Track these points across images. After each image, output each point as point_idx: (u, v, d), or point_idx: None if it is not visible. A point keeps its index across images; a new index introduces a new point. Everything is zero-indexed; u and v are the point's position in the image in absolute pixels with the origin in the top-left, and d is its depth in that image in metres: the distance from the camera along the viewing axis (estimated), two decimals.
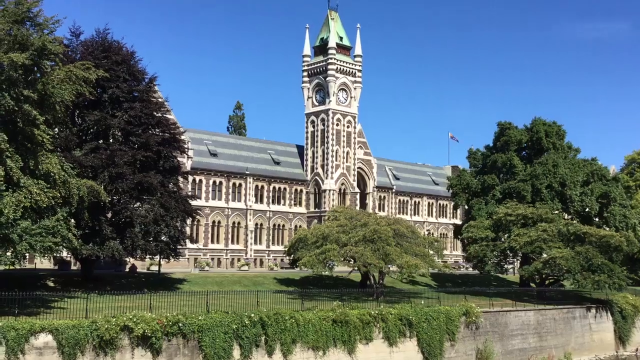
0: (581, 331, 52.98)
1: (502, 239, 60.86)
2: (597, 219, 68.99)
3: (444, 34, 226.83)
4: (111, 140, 46.63)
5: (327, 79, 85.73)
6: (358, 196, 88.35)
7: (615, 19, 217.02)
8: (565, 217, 66.56)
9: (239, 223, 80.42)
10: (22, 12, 31.50)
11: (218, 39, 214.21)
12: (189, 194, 57.35)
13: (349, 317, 36.11)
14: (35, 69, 31.16)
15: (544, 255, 56.19)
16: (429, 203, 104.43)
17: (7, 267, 46.41)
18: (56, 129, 37.78)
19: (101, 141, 46.21)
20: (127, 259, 55.64)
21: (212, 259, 77.01)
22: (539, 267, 55.39)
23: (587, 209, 67.41)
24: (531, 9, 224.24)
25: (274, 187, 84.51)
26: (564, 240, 56.27)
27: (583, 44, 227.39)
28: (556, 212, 64.19)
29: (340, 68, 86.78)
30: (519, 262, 65.92)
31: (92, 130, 46.69)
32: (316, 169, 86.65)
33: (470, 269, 74.37)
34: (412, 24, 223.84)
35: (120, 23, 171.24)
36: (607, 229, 64.39)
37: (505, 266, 64.13)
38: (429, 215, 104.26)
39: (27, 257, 52.49)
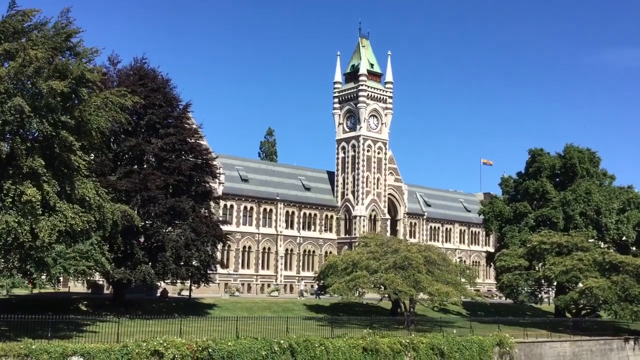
0: None
1: (537, 268, 59.78)
2: (634, 248, 67.42)
3: (475, 61, 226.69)
4: (145, 166, 47.34)
5: (358, 105, 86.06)
6: (389, 222, 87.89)
7: None
8: (601, 246, 65.18)
9: (269, 249, 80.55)
10: (61, 40, 32.36)
11: (250, 66, 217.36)
12: (220, 219, 57.74)
13: (379, 345, 35.71)
14: (73, 96, 31.87)
15: (580, 285, 54.99)
16: (460, 230, 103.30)
17: (40, 291, 47.31)
18: (92, 155, 38.44)
19: (135, 166, 46.97)
20: (159, 284, 56.09)
21: (242, 284, 77.10)
22: (574, 297, 54.28)
23: (623, 237, 66.00)
24: (564, 36, 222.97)
25: (305, 213, 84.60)
26: (600, 269, 55.03)
27: (617, 71, 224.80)
28: (591, 240, 62.94)
29: (371, 95, 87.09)
30: (553, 291, 64.57)
31: (127, 155, 47.52)
32: (347, 195, 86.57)
33: (504, 297, 73.14)
34: (443, 51, 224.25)
35: (155, 51, 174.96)
36: None
37: (540, 296, 62.87)
38: (460, 242, 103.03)
39: (61, 280, 53.27)
